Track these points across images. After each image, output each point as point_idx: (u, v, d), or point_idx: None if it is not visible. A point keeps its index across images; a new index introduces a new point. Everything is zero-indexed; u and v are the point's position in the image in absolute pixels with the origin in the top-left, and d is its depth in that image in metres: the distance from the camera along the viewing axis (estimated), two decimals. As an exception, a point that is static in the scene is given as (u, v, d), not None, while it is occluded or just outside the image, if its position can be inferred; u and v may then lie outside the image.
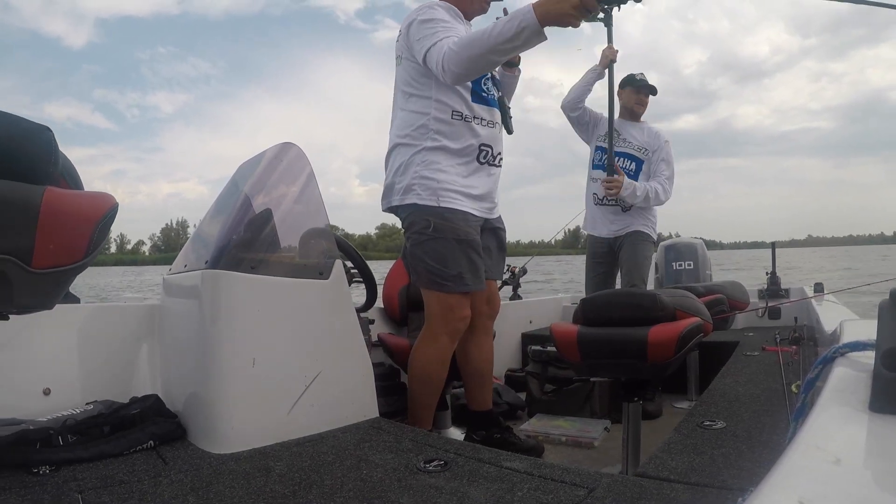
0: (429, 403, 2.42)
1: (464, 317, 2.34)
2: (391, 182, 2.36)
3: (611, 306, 2.18)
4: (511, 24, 1.94)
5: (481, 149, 2.34)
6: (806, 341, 2.86)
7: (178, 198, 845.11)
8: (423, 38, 2.18)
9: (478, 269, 2.32)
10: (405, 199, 2.29)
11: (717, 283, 3.51)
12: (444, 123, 2.27)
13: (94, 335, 2.24)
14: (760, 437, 1.63)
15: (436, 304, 2.32)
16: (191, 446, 1.81)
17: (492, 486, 1.38)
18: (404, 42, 2.29)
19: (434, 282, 2.28)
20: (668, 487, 1.30)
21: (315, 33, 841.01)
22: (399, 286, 3.35)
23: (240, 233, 2.03)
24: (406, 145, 2.31)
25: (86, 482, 1.50)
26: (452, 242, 2.25)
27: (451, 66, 2.07)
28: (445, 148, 2.27)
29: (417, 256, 2.30)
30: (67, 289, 1.29)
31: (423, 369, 2.37)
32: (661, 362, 1.97)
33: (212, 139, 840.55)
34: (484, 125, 2.35)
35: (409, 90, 2.33)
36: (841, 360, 0.93)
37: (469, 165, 2.33)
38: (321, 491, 1.41)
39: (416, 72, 2.29)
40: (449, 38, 2.12)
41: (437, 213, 2.25)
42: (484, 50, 2.01)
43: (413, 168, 2.27)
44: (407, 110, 2.33)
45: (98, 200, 1.20)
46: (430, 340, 2.36)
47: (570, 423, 3.06)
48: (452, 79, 2.13)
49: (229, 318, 1.83)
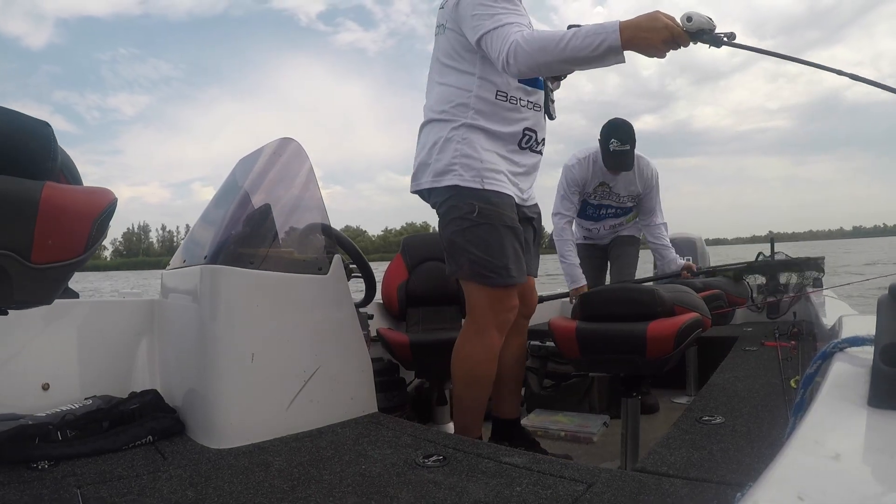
0: (479, 408, 2.21)
1: (513, 306, 2.15)
2: (424, 159, 2.16)
3: (610, 302, 2.18)
4: (593, 39, 1.81)
5: (525, 133, 2.16)
6: (805, 336, 2.87)
7: (139, 202, 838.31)
8: (480, 16, 1.98)
9: (521, 260, 2.14)
10: (442, 181, 2.09)
11: (700, 280, 3.53)
12: (488, 103, 2.09)
13: (93, 330, 2.24)
14: (759, 432, 1.63)
15: (482, 295, 2.11)
16: (189, 441, 1.81)
17: (491, 481, 1.39)
18: (452, 12, 2.09)
19: (478, 273, 2.08)
20: (667, 482, 1.30)
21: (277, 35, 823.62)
22: (398, 281, 3.35)
23: (238, 228, 2.03)
24: (443, 121, 2.12)
25: (84, 477, 1.50)
26: (500, 229, 2.06)
27: (520, 63, 1.91)
28: (487, 129, 2.09)
29: (459, 245, 2.09)
30: (66, 284, 1.29)
31: (471, 370, 2.16)
32: (660, 357, 1.98)
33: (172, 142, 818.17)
34: (530, 108, 2.17)
35: (452, 63, 2.14)
36: (840, 355, 0.93)
37: (510, 148, 2.15)
38: (320, 486, 1.41)
39: (460, 45, 2.10)
40: (515, 25, 1.94)
41: (482, 196, 2.05)
42: (558, 58, 1.87)
43: (453, 145, 2.08)
44: (446, 85, 2.14)
45: (97, 196, 1.20)
46: (476, 335, 2.14)
47: (569, 419, 3.06)
48: (516, 74, 2.00)
49: (228, 313, 1.83)
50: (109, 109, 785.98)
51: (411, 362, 2.83)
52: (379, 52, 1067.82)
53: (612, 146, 3.62)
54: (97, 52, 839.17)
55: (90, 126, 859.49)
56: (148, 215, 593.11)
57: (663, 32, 1.77)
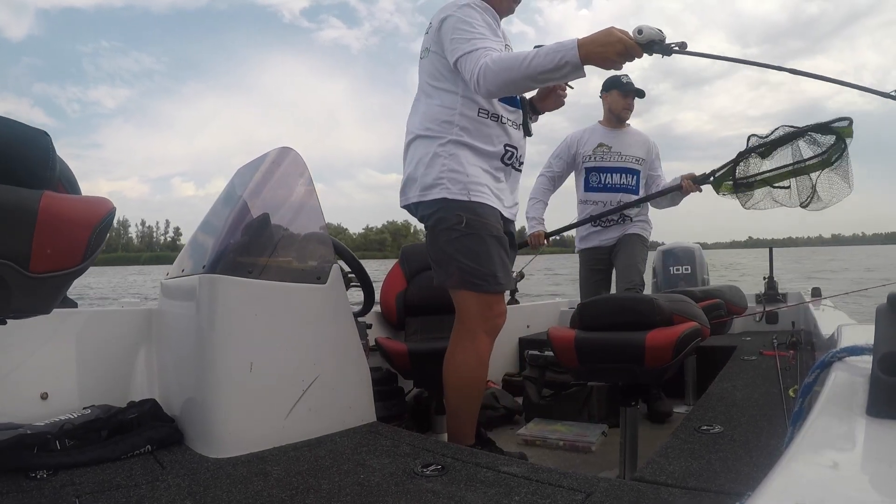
0: (472, 414, 2.24)
1: (501, 312, 2.23)
2: (412, 174, 2.25)
3: (608, 311, 2.18)
4: (554, 56, 1.93)
5: (507, 149, 2.26)
6: (803, 346, 2.87)
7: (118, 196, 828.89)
8: (457, 40, 2.11)
9: (507, 268, 2.24)
10: (430, 195, 2.18)
11: (714, 288, 3.52)
12: (471, 120, 2.19)
13: (92, 340, 2.23)
14: (758, 441, 1.63)
15: (471, 302, 2.18)
16: (188, 451, 1.81)
17: (489, 491, 1.38)
18: (435, 35, 2.21)
19: (468, 281, 2.15)
20: (666, 492, 1.30)
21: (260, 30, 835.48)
22: (397, 290, 3.34)
23: (237, 237, 2.03)
24: (430, 137, 2.21)
25: (83, 486, 1.49)
26: (486, 239, 2.15)
27: (488, 84, 2.03)
28: (471, 145, 2.19)
29: (449, 255, 2.16)
30: (65, 293, 1.29)
31: (462, 376, 2.20)
32: (659, 366, 1.98)
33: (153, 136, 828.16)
34: (510, 125, 2.28)
35: (437, 84, 2.24)
36: (838, 364, 0.93)
37: (494, 164, 2.25)
38: (318, 495, 1.41)
39: (444, 67, 2.21)
40: (486, 49, 2.06)
41: (469, 207, 2.14)
42: (522, 76, 1.98)
43: (440, 160, 2.17)
44: (432, 104, 2.24)
45: (95, 205, 1.20)
46: (466, 341, 2.19)
47: (568, 428, 3.06)
48: (485, 95, 2.11)
49: (227, 322, 1.83)
50: (90, 102, 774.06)
51: (410, 371, 2.83)
52: (362, 50, 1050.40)
53: (625, 79, 3.81)
54: (79, 44, 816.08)
55: (70, 119, 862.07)
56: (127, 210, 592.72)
57: (617, 46, 1.90)
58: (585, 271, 4.06)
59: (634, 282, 3.74)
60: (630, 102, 3.90)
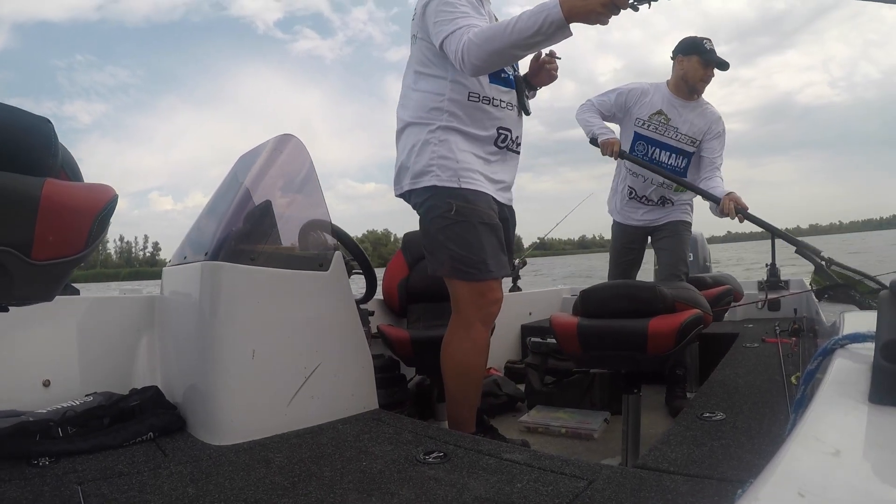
0: (471, 401, 2.22)
1: (496, 299, 2.19)
2: (404, 163, 2.23)
3: (611, 298, 2.18)
4: (536, 18, 1.87)
5: (500, 132, 2.22)
6: (805, 333, 2.86)
7: None
8: (440, 23, 2.06)
9: (501, 255, 2.19)
10: (421, 182, 2.15)
11: (710, 275, 3.51)
12: (461, 105, 2.16)
13: (94, 327, 2.24)
14: (760, 428, 1.63)
15: (464, 290, 2.16)
16: (190, 438, 1.81)
17: (491, 478, 1.39)
18: (420, 21, 2.17)
19: (458, 269, 2.12)
20: (668, 479, 1.30)
21: (234, 42, 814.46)
22: (399, 278, 3.35)
23: (239, 224, 2.03)
24: (420, 124, 2.18)
25: (85, 474, 1.50)
26: (477, 226, 2.11)
27: (472, 58, 1.97)
28: (462, 131, 2.15)
29: (439, 243, 2.14)
30: (67, 280, 1.29)
31: (459, 363, 2.18)
32: (661, 354, 1.98)
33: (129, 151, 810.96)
34: (503, 107, 2.23)
35: (424, 70, 2.21)
36: (841, 351, 0.93)
37: (487, 149, 2.21)
38: (321, 482, 1.41)
39: (431, 52, 2.17)
40: (469, 26, 2.01)
41: (459, 194, 2.11)
42: (506, 44, 1.92)
43: (430, 147, 2.14)
44: (420, 91, 2.21)
45: (97, 192, 1.20)
46: (461, 329, 2.18)
47: (570, 415, 3.06)
48: (472, 71, 2.04)
49: (229, 309, 1.83)
50: (66, 117, 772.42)
51: (412, 359, 2.83)
52: (336, 60, 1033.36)
53: (708, 45, 3.26)
54: (53, 58, 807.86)
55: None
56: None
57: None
58: (619, 246, 3.73)
59: (681, 272, 3.40)
60: (709, 74, 3.32)
